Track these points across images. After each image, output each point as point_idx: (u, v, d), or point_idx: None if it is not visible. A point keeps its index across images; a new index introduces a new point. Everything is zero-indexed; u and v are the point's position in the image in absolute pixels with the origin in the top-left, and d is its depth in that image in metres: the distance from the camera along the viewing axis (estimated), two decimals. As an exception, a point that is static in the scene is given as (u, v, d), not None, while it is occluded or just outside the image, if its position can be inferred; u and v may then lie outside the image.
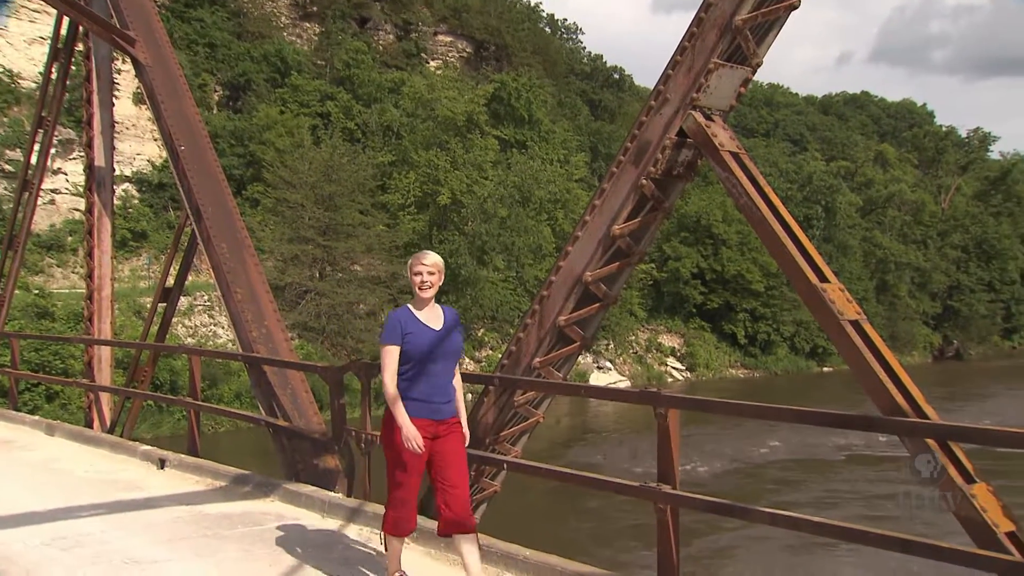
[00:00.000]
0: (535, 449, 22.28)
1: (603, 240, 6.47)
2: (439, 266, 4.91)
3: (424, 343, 4.75)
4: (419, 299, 4.89)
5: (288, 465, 7.97)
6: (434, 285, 4.87)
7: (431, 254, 4.96)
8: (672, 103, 6.05)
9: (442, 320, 4.89)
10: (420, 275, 4.85)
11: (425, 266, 4.85)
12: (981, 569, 4.56)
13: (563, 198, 45.06)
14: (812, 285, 5.45)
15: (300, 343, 32.56)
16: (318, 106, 45.73)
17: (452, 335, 4.86)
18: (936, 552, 4.57)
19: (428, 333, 4.78)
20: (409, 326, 4.78)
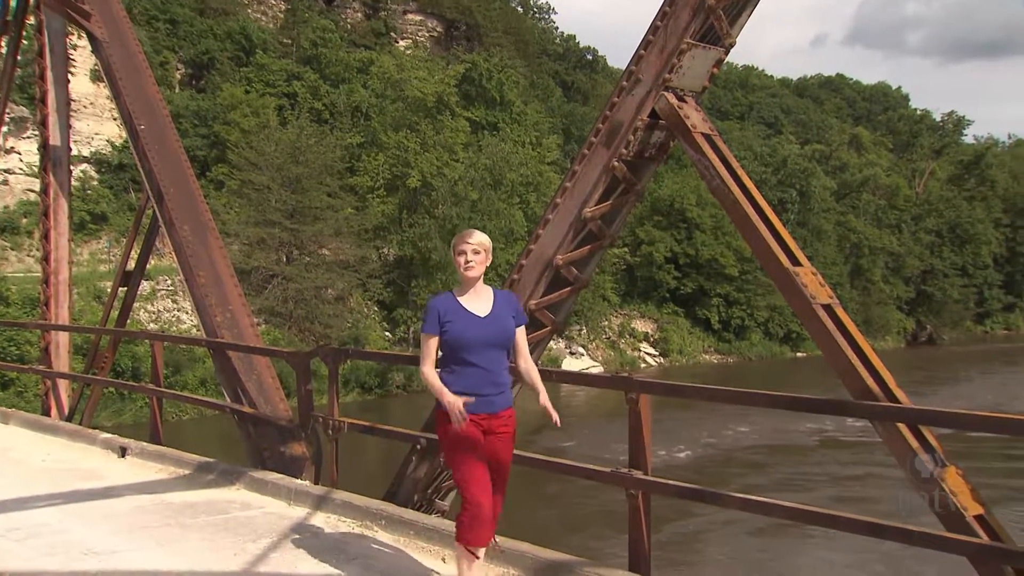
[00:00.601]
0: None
1: (574, 223, 6.47)
2: (485, 245, 4.54)
3: (466, 332, 4.41)
4: (463, 282, 4.56)
5: (254, 452, 7.93)
6: (479, 265, 4.51)
7: (476, 232, 4.59)
8: (644, 84, 6.05)
9: (490, 305, 4.52)
10: (464, 255, 4.49)
11: (469, 244, 4.49)
12: (951, 552, 4.66)
13: (535, 181, 45.02)
14: (784, 269, 5.49)
15: (267, 328, 32.37)
16: (284, 86, 45.28)
17: (501, 321, 4.49)
18: (906, 536, 4.66)
19: (471, 320, 4.43)
20: (449, 313, 4.45)
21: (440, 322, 4.44)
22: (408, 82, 42.33)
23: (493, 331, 4.45)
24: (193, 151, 37.79)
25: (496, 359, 4.46)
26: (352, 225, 37.76)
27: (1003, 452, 22.52)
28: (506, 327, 4.50)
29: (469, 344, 4.40)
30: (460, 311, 4.46)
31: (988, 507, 5.05)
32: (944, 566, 4.41)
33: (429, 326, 4.47)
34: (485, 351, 4.42)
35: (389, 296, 39.87)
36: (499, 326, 4.48)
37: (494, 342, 4.45)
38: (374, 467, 19.20)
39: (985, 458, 21.62)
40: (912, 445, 5.11)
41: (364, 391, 33.68)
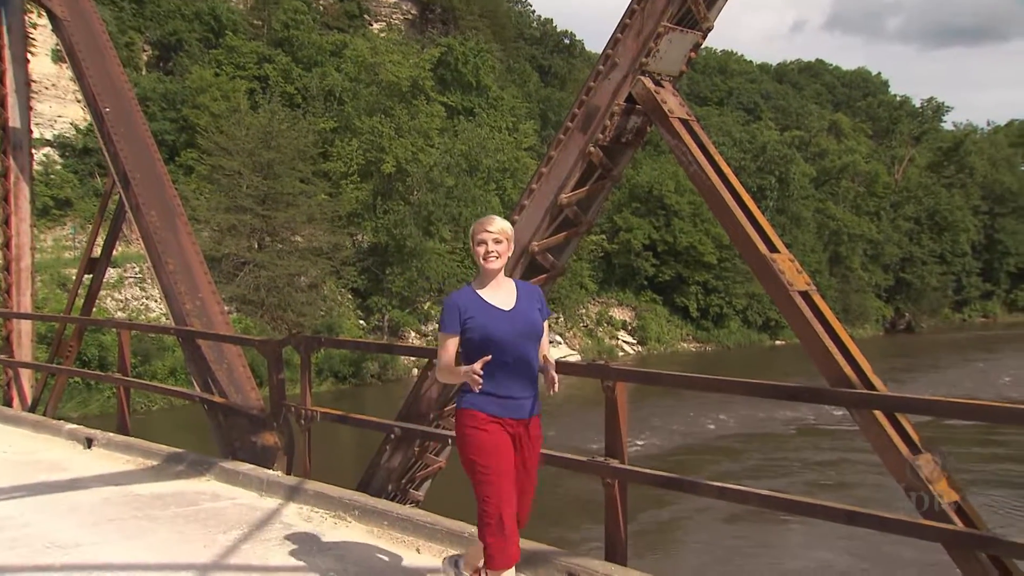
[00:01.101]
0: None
1: (550, 209, 6.48)
2: (507, 233, 4.17)
3: (491, 328, 4.02)
4: (484, 274, 4.18)
5: (224, 443, 7.90)
6: (502, 256, 4.14)
7: (497, 219, 4.21)
8: (621, 68, 6.05)
9: (514, 297, 4.16)
10: (484, 244, 4.11)
11: (490, 233, 4.11)
12: (926, 539, 4.73)
13: (512, 167, 44.96)
14: (762, 256, 5.53)
15: (238, 317, 32.18)
16: (255, 69, 44.80)
17: (527, 314, 4.13)
18: (881, 523, 4.73)
19: (495, 315, 4.06)
20: (470, 309, 4.07)
21: (461, 319, 4.06)
22: (382, 66, 42.05)
23: (521, 324, 4.09)
24: (161, 135, 37.37)
25: (526, 355, 4.10)
26: (325, 211, 37.55)
27: (979, 438, 22.90)
28: (533, 319, 4.15)
29: (496, 340, 4.01)
30: (482, 305, 4.09)
31: (963, 494, 5.12)
32: (921, 548, 4.49)
33: (448, 325, 4.08)
34: (514, 347, 4.05)
35: (363, 284, 39.74)
36: (526, 319, 4.12)
37: (522, 337, 4.08)
38: (348, 457, 19.18)
39: (962, 444, 22.03)
40: (888, 432, 5.18)
41: (338, 380, 33.61)
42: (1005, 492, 18.00)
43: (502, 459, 4.04)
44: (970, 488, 16.86)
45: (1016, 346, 51.42)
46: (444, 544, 5.45)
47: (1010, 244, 72.86)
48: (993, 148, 79.04)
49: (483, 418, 4.06)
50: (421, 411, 7.18)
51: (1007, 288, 75.02)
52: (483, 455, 4.04)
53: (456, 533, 5.47)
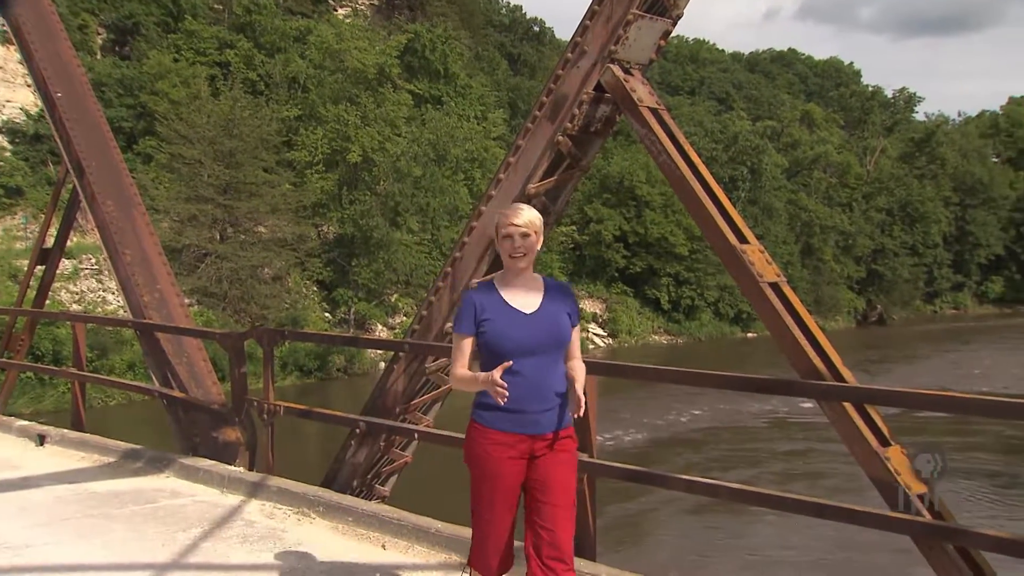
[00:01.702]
0: (451, 419, 22.44)
1: (518, 199, 6.48)
2: (536, 226, 3.80)
3: (509, 332, 3.70)
4: (508, 271, 3.84)
5: (184, 438, 7.84)
6: (529, 252, 3.78)
7: (525, 209, 3.84)
8: (589, 56, 6.07)
9: (539, 299, 3.81)
10: (511, 239, 3.75)
11: (517, 227, 3.75)
12: (895, 531, 4.81)
13: (480, 157, 44.87)
14: (731, 246, 5.58)
15: (200, 310, 31.87)
16: (216, 54, 44.25)
17: (553, 318, 3.78)
18: (850, 515, 4.80)
19: (515, 318, 3.73)
20: (488, 309, 3.74)
21: (476, 320, 3.74)
22: (348, 53, 41.74)
23: (542, 331, 3.73)
24: (118, 122, 36.81)
25: (545, 367, 3.73)
26: (290, 202, 37.25)
27: (950, 429, 23.30)
28: (558, 326, 3.78)
29: (512, 348, 3.68)
30: (502, 306, 3.76)
31: (932, 485, 5.20)
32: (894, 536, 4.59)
33: (463, 324, 3.77)
34: (531, 356, 3.69)
35: (329, 276, 39.51)
36: (550, 325, 3.76)
37: (543, 345, 3.73)
38: (313, 453, 19.11)
39: (933, 435, 22.39)
40: (857, 424, 5.25)
41: (303, 374, 33.42)
42: (974, 483, 18.34)
43: (499, 485, 3.77)
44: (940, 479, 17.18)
45: (987, 338, 52.34)
46: (410, 540, 5.45)
47: (980, 236, 73.94)
48: (964, 139, 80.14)
49: (491, 435, 3.75)
50: (387, 405, 7.17)
51: (977, 280, 76.22)
52: (481, 477, 3.81)
53: (423, 529, 5.47)
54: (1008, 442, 22.79)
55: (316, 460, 16.03)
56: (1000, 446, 22.64)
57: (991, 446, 22.50)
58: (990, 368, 38.00)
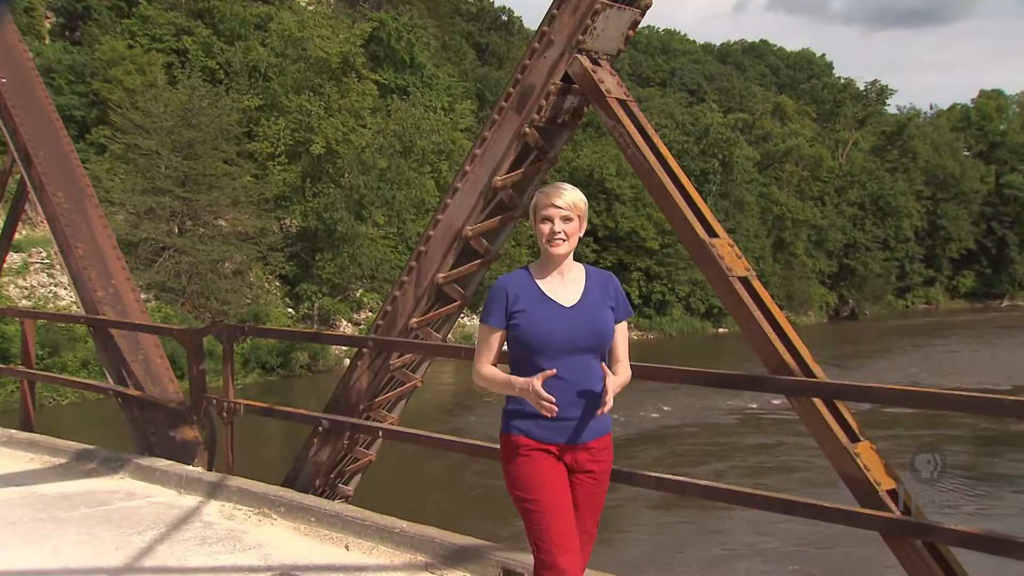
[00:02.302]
0: (417, 416, 22.44)
1: (484, 192, 6.48)
2: (580, 208, 3.47)
3: (545, 327, 3.36)
4: (546, 258, 3.50)
5: (140, 438, 7.76)
6: (571, 237, 3.45)
7: (568, 189, 3.47)
8: (557, 46, 6.06)
9: (580, 290, 3.49)
10: (550, 222, 3.43)
11: (558, 208, 3.42)
12: (863, 527, 4.88)
13: (447, 149, 44.75)
14: (700, 240, 5.61)
15: (157, 305, 31.56)
16: (173, 41, 43.68)
17: (594, 313, 3.45)
18: (819, 512, 4.87)
19: (553, 311, 3.39)
20: (522, 300, 3.40)
21: (508, 312, 3.40)
22: (310, 41, 41.44)
23: (582, 327, 3.39)
24: (69, 110, 36.26)
25: (584, 368, 3.38)
26: (251, 194, 36.96)
27: (921, 424, 23.68)
28: (601, 321, 3.45)
29: (547, 345, 3.34)
30: (538, 297, 3.42)
31: (900, 481, 5.28)
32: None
33: (492, 315, 3.43)
34: (569, 355, 3.36)
35: (292, 270, 39.27)
36: (591, 320, 3.42)
37: (583, 343, 3.39)
38: (274, 452, 19.00)
39: (906, 429, 22.79)
40: (826, 420, 5.31)
41: (266, 371, 33.22)
42: (948, 478, 18.63)
43: (551, 489, 3.38)
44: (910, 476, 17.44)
45: (958, 333, 53.17)
46: (374, 541, 5.45)
47: (951, 230, 75.06)
48: (936, 132, 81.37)
49: (526, 444, 3.40)
50: (351, 402, 7.14)
51: (949, 274, 77.42)
52: (528, 488, 3.38)
53: (387, 529, 5.47)
54: (981, 437, 23.20)
55: (278, 459, 15.94)
56: (973, 440, 23.04)
57: (964, 440, 22.89)
58: (961, 363, 38.62)
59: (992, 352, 43.41)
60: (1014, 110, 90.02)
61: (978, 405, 4.99)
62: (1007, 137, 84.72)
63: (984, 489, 18.28)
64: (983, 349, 44.88)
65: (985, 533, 4.42)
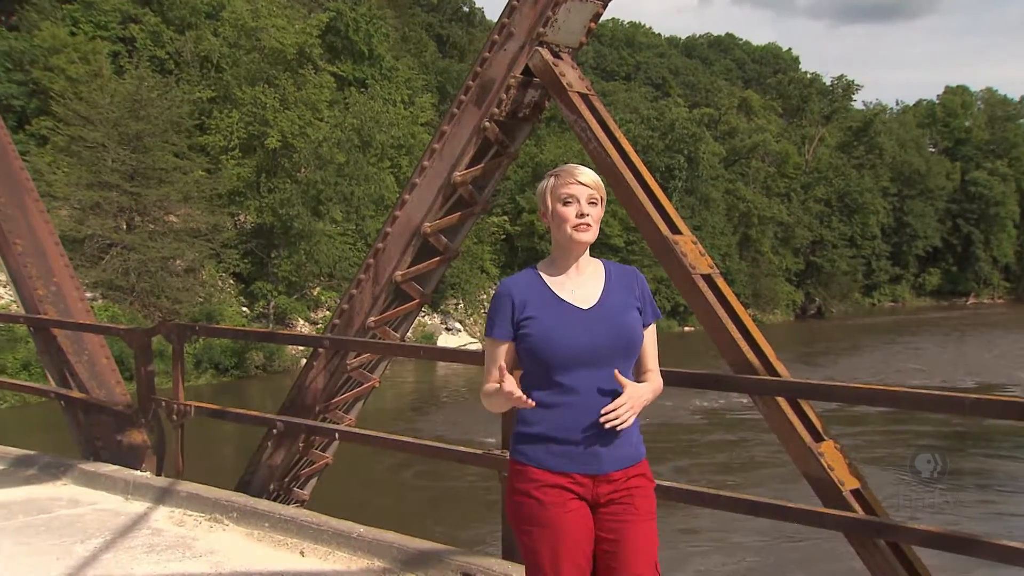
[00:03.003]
0: (377, 417, 22.38)
1: (443, 188, 6.47)
2: (603, 191, 3.12)
3: (560, 334, 2.93)
4: (562, 250, 3.10)
5: (85, 442, 7.64)
6: (594, 224, 3.06)
7: (587, 170, 3.13)
8: (517, 38, 6.08)
9: (600, 289, 3.06)
10: (576, 202, 3.03)
11: (585, 187, 3.05)
12: (827, 528, 4.95)
13: (407, 143, 44.66)
14: (663, 237, 5.65)
15: (104, 304, 31.14)
16: (119, 29, 43.01)
17: (618, 316, 3.00)
18: (783, 512, 4.93)
19: (569, 315, 2.97)
20: (531, 305, 2.98)
21: (515, 320, 2.98)
22: (265, 31, 41.07)
23: (605, 332, 2.95)
24: (6, 99, 35.70)
25: (608, 381, 2.93)
26: (203, 189, 36.55)
27: (887, 423, 24.08)
28: (627, 325, 3.01)
29: (564, 356, 2.92)
30: (550, 300, 2.99)
31: (864, 481, 5.36)
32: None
33: (496, 326, 3.01)
34: (591, 368, 2.92)
35: (246, 268, 38.94)
36: (616, 324, 2.98)
37: (607, 351, 2.95)
38: (227, 456, 18.85)
39: (872, 428, 23.15)
40: (790, 419, 5.38)
41: (219, 372, 32.93)
42: (913, 477, 18.94)
43: (562, 542, 2.89)
44: (877, 474, 17.74)
45: (924, 331, 54.08)
46: (330, 546, 5.42)
47: (918, 227, 76.31)
48: (902, 129, 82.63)
49: (538, 476, 2.94)
50: (306, 403, 7.10)
51: (915, 272, 78.68)
52: (535, 535, 2.93)
53: (343, 534, 5.45)
54: (948, 435, 23.59)
55: (231, 463, 15.81)
56: (939, 438, 23.43)
57: (930, 436, 23.27)
58: (927, 361, 39.30)
59: (958, 350, 44.23)
60: (979, 107, 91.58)
61: (940, 404, 5.08)
62: (972, 134, 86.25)
63: (949, 487, 18.61)
64: (949, 347, 45.71)
65: (949, 532, 4.50)
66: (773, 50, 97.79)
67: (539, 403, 2.92)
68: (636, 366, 3.12)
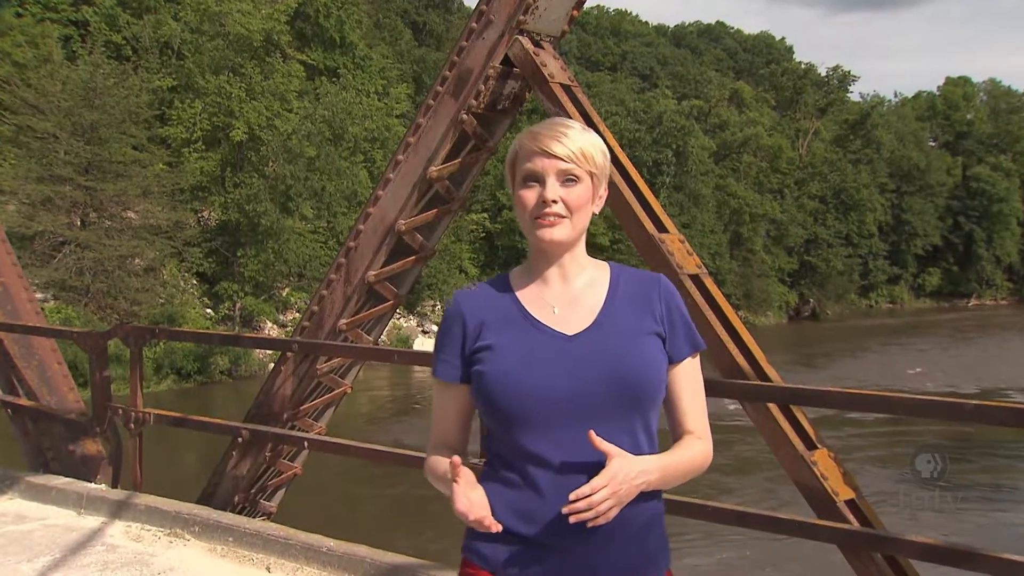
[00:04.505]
0: (349, 424, 22.30)
1: (419, 183, 6.48)
2: (594, 161, 2.13)
3: (521, 374, 2.06)
4: (534, 253, 2.26)
5: (34, 453, 7.59)
6: (575, 213, 2.14)
7: (572, 128, 2.14)
8: (496, 26, 6.09)
9: (597, 306, 2.17)
10: (537, 183, 2.13)
11: (555, 159, 2.10)
12: (821, 540, 4.98)
13: (382, 136, 44.67)
14: (649, 235, 5.68)
15: (57, 305, 30.94)
16: (71, 11, 42.73)
17: (620, 344, 2.11)
18: (774, 524, 4.96)
19: (540, 345, 2.10)
20: (489, 328, 2.14)
21: (466, 351, 2.16)
22: (229, 16, 40.90)
23: (596, 372, 2.06)
24: (-51, 86, 35.37)
25: (601, 445, 2.00)
26: (164, 184, 36.39)
27: (884, 430, 24.24)
28: (631, 360, 2.09)
29: (528, 408, 2.05)
30: (515, 320, 2.15)
31: (860, 491, 5.40)
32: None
33: (441, 358, 2.19)
34: (569, 427, 2.04)
35: (211, 267, 38.78)
36: (613, 359, 2.08)
37: (596, 402, 2.05)
38: (189, 466, 18.76)
39: (869, 435, 23.29)
40: (782, 426, 5.41)
41: (181, 378, 32.81)
42: (911, 487, 19.06)
43: None
44: (876, 472, 17.87)
45: (924, 334, 54.41)
46: (299, 561, 5.41)
47: (917, 225, 76.59)
48: (900, 122, 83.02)
49: None
50: (274, 410, 7.09)
51: (914, 272, 79.00)
52: None
53: (313, 548, 5.43)
54: (949, 442, 23.76)
55: (193, 475, 15.71)
56: (940, 446, 23.58)
57: (931, 447, 23.42)
58: (927, 365, 39.58)
59: (959, 353, 44.57)
60: (982, 98, 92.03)
61: (939, 409, 5.11)
62: (974, 127, 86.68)
63: (949, 497, 18.75)
64: (950, 350, 46.05)
65: (948, 545, 4.53)
66: (765, 39, 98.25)
67: (497, 480, 2.10)
68: (669, 421, 2.26)
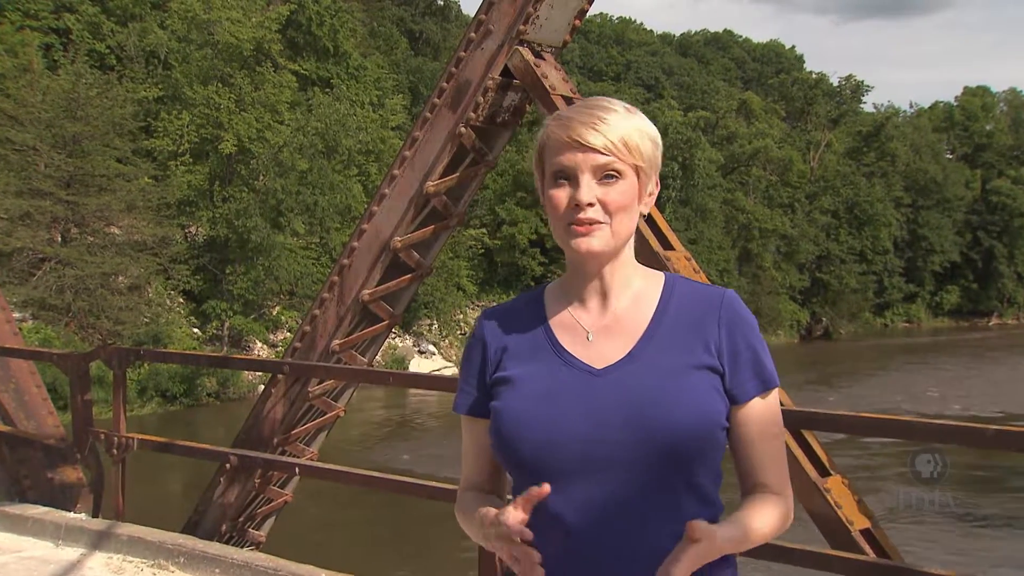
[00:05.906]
0: (342, 449, 22.25)
1: (415, 199, 6.51)
2: (640, 152, 1.84)
3: (532, 417, 1.80)
4: (569, 264, 2.00)
5: (10, 481, 7.57)
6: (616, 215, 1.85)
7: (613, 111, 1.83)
8: (495, 36, 6.13)
9: (638, 332, 1.85)
10: (567, 182, 1.85)
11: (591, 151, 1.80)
12: (834, 572, 4.96)
13: (376, 149, 44.75)
14: (654, 253, 5.70)
15: (36, 325, 30.90)
16: (52, 19, 42.89)
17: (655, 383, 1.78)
18: (784, 554, 4.94)
19: (564, 380, 1.82)
20: (512, 356, 1.90)
21: (488, 378, 1.93)
22: (218, 24, 41.08)
23: (623, 418, 1.76)
24: (-77, 94, 35.45)
25: (630, 505, 1.75)
26: (150, 198, 36.36)
27: (900, 455, 24.14)
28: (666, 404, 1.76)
29: (539, 456, 1.78)
30: (541, 347, 1.89)
31: (875, 519, 5.40)
32: None
33: (463, 392, 1.97)
34: (589, 482, 1.76)
35: (198, 285, 38.76)
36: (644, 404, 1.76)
37: (622, 454, 1.75)
38: (174, 494, 18.71)
39: (883, 461, 23.22)
40: (793, 451, 5.42)
41: (166, 401, 32.75)
42: (929, 516, 19.01)
43: None
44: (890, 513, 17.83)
45: (942, 354, 54.31)
46: (288, 594, 5.40)
47: (934, 240, 76.47)
48: (916, 133, 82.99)
49: None
50: (263, 435, 7.10)
51: (931, 290, 78.84)
52: None
53: (303, 580, 5.43)
54: (966, 470, 23.70)
55: (178, 503, 15.70)
56: (958, 474, 23.53)
57: (948, 475, 23.36)
58: (945, 388, 39.50)
59: (979, 375, 44.49)
60: (1001, 109, 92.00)
61: (958, 435, 5.12)
62: (994, 138, 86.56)
63: (967, 527, 18.70)
64: (969, 372, 45.95)
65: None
66: (775, 48, 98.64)
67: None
68: (739, 475, 1.92)
